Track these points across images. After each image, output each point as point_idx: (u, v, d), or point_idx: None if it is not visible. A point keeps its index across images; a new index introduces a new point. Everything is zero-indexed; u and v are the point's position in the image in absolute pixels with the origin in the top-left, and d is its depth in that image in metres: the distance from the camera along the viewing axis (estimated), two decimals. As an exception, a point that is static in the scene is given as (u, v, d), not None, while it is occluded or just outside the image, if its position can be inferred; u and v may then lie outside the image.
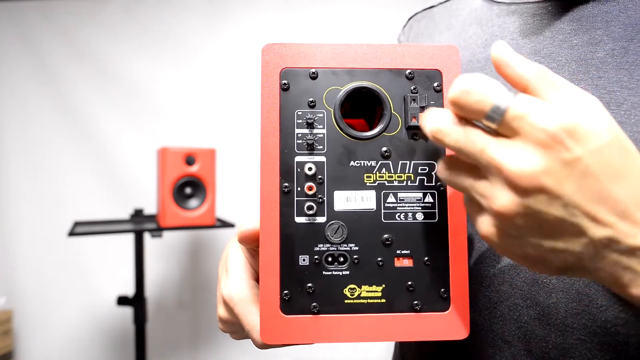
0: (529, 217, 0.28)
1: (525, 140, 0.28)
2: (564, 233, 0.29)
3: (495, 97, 0.29)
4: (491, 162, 0.29)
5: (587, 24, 0.45)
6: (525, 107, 0.28)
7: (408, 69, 0.40)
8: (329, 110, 0.40)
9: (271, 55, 0.40)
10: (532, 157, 0.28)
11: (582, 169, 0.28)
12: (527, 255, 0.30)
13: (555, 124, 0.27)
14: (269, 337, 0.38)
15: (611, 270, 0.29)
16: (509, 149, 0.28)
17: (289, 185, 0.39)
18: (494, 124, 0.29)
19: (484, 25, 0.54)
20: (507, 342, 0.44)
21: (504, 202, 0.29)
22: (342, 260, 0.39)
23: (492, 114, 0.29)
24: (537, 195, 0.28)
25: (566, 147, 0.27)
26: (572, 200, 0.28)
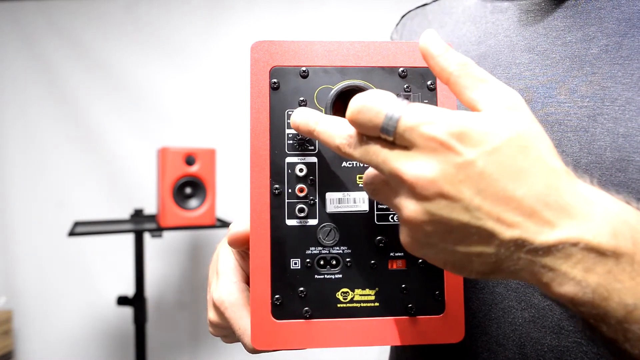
0: (436, 223, 0.28)
1: (419, 150, 0.28)
2: (473, 237, 0.28)
3: (387, 111, 0.29)
4: (392, 172, 0.29)
5: (581, 21, 0.45)
6: (415, 118, 0.28)
7: (401, 67, 0.39)
8: (320, 110, 0.39)
9: (260, 53, 0.39)
10: (426, 165, 0.28)
11: (478, 172, 0.27)
12: (446, 261, 0.30)
13: (443, 130, 0.28)
14: (260, 343, 0.38)
15: (531, 271, 0.29)
16: (406, 159, 0.29)
17: (280, 187, 0.38)
18: (390, 137, 0.29)
19: (477, 22, 0.54)
20: (502, 345, 0.44)
21: (410, 210, 0.29)
22: (335, 264, 0.38)
23: (385, 128, 0.29)
24: (437, 201, 0.28)
25: (456, 151, 0.27)
26: (472, 204, 0.27)
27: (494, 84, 0.30)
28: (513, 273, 0.29)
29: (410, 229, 0.30)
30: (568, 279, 0.28)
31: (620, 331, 0.29)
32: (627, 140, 0.38)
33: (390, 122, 0.29)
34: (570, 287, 0.28)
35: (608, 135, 0.39)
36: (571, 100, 0.42)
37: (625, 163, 0.38)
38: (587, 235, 0.28)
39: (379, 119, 0.29)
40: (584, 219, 0.28)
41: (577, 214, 0.28)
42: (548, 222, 0.28)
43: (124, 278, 2.23)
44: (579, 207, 0.28)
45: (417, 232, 0.30)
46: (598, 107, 0.40)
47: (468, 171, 0.27)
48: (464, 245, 0.29)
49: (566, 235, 0.28)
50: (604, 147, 0.39)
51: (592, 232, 0.28)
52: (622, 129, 0.38)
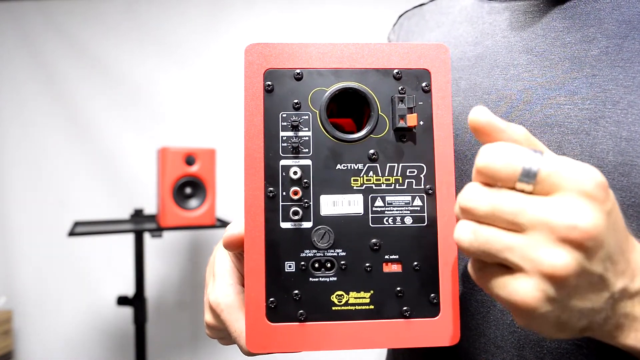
0: (580, 277, 0.27)
1: (570, 193, 0.27)
2: (596, 290, 0.28)
3: (524, 159, 0.29)
4: (536, 218, 0.27)
5: (580, 22, 0.44)
6: (559, 163, 0.28)
7: (396, 69, 0.39)
8: (315, 112, 0.39)
9: (254, 55, 0.39)
10: (583, 209, 0.27)
11: (614, 220, 0.28)
12: (558, 322, 0.29)
13: (592, 176, 0.28)
14: (255, 346, 0.38)
15: (616, 321, 0.30)
16: (554, 204, 0.27)
17: (274, 190, 0.38)
18: (528, 185, 0.28)
19: (474, 23, 0.53)
20: (500, 347, 0.43)
21: (559, 260, 0.27)
22: (329, 266, 0.38)
23: (524, 175, 0.28)
24: (589, 249, 0.27)
25: (606, 198, 0.27)
26: (609, 252, 0.28)
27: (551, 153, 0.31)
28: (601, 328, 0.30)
29: (552, 284, 0.27)
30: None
31: None
32: (630, 144, 0.38)
33: (531, 169, 0.28)
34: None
35: (610, 138, 0.39)
36: (571, 102, 0.42)
37: (629, 167, 0.38)
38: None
39: (517, 165, 0.28)
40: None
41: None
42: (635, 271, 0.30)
43: (124, 278, 2.23)
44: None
45: (558, 287, 0.27)
46: (600, 110, 0.40)
47: (610, 219, 0.28)
48: (583, 300, 0.28)
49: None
50: (606, 150, 0.39)
51: None
52: (625, 133, 0.38)
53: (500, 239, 0.29)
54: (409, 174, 0.39)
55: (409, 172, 0.39)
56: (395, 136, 0.39)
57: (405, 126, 0.38)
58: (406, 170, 0.39)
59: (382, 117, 0.39)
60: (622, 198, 0.38)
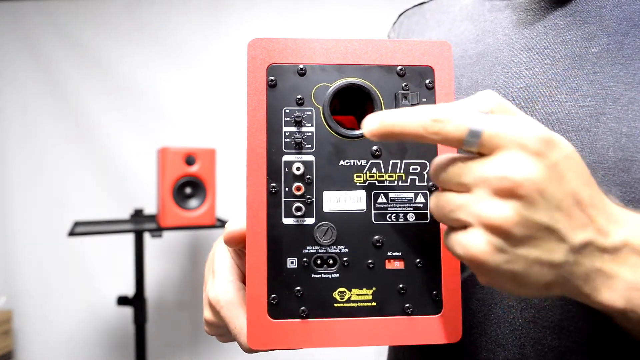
0: (523, 226, 0.28)
1: (511, 150, 0.29)
2: (549, 241, 0.29)
3: (469, 121, 0.30)
4: (478, 177, 0.29)
5: (581, 19, 0.44)
6: (502, 124, 0.29)
7: (399, 65, 0.39)
8: (318, 108, 0.39)
9: (257, 50, 0.39)
10: (521, 162, 0.28)
11: (560, 173, 0.29)
12: (515, 275, 0.30)
13: (538, 132, 0.29)
14: (256, 343, 0.37)
15: (586, 277, 0.30)
16: (496, 161, 0.29)
17: (277, 186, 0.38)
18: (474, 147, 0.30)
19: (475, 20, 0.53)
20: (501, 345, 0.43)
21: (499, 212, 0.28)
22: (332, 263, 0.38)
23: (470, 136, 0.29)
24: (528, 198, 0.28)
25: (549, 152, 0.29)
26: (554, 203, 0.29)
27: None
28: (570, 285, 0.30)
29: (493, 234, 0.29)
30: (620, 282, 0.30)
31: None
32: (630, 140, 0.38)
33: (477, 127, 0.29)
34: (622, 292, 0.30)
35: (611, 135, 0.39)
36: (572, 100, 0.42)
37: (629, 163, 0.38)
38: (632, 239, 0.30)
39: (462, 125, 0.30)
40: (626, 224, 0.31)
41: (620, 220, 0.31)
42: (602, 227, 0.30)
43: (124, 278, 2.23)
44: (619, 214, 0.31)
45: (499, 237, 0.29)
46: (600, 107, 0.40)
47: (554, 172, 0.29)
48: (538, 250, 0.29)
49: (618, 239, 0.30)
50: (606, 146, 0.39)
51: (635, 236, 0.30)
52: (625, 129, 0.38)
53: (451, 200, 0.31)
54: (412, 170, 0.39)
55: (412, 169, 0.39)
56: None
57: None
58: (409, 167, 0.39)
59: None
60: (622, 194, 0.38)
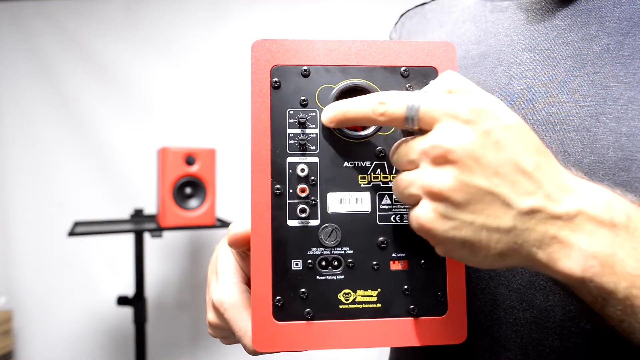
0: (463, 190, 0.30)
1: (444, 122, 0.31)
2: (492, 205, 0.30)
3: (407, 99, 0.32)
4: (418, 151, 0.31)
5: (582, 20, 0.44)
6: (436, 100, 0.31)
7: (403, 66, 0.39)
8: (322, 109, 0.39)
9: (261, 52, 0.39)
10: (453, 131, 0.30)
11: (496, 140, 0.30)
12: (464, 241, 0.31)
13: (468, 103, 0.31)
14: (261, 345, 0.37)
15: (539, 243, 0.30)
16: (431, 134, 0.31)
17: (281, 187, 0.38)
18: (414, 125, 0.32)
19: (477, 21, 0.53)
20: (503, 345, 0.43)
21: (437, 179, 0.30)
22: (337, 265, 0.38)
23: (408, 117, 0.32)
24: (463, 164, 0.30)
25: (481, 120, 0.30)
26: (491, 167, 0.30)
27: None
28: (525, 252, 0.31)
29: (436, 201, 0.30)
30: (576, 250, 0.30)
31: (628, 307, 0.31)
32: (630, 140, 0.38)
33: (414, 107, 0.32)
34: (579, 261, 0.30)
35: (611, 134, 0.39)
36: (573, 100, 0.42)
37: (629, 162, 0.38)
38: (586, 207, 0.31)
39: (402, 106, 0.32)
40: (580, 194, 0.31)
41: (574, 189, 0.31)
42: (552, 194, 0.30)
43: (124, 278, 2.22)
44: (573, 184, 0.32)
45: (442, 203, 0.30)
46: (600, 107, 0.40)
47: (489, 138, 0.30)
48: (483, 216, 0.30)
49: (571, 207, 0.30)
50: (606, 146, 0.39)
51: (590, 205, 0.31)
52: (625, 129, 0.38)
53: (403, 178, 0.33)
54: None
55: None
56: (403, 134, 0.39)
57: None
58: None
59: None
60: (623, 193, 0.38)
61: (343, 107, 0.35)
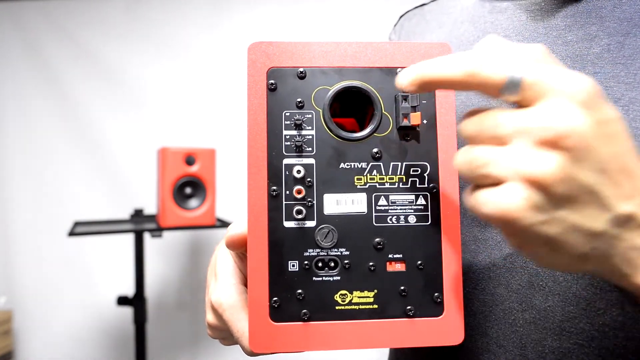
0: (566, 183, 0.26)
1: (557, 99, 0.26)
2: (591, 205, 0.27)
3: (508, 67, 0.27)
4: (519, 127, 0.27)
5: (582, 20, 0.44)
6: (547, 70, 0.27)
7: (399, 68, 0.39)
8: (318, 111, 0.39)
9: (257, 54, 0.39)
10: (570, 113, 0.26)
11: (610, 132, 0.27)
12: (548, 238, 0.28)
13: (582, 82, 0.26)
14: (258, 346, 0.37)
15: (624, 254, 0.28)
16: (539, 111, 0.27)
17: (277, 189, 0.38)
18: (514, 95, 0.28)
19: (476, 22, 0.53)
20: (502, 346, 0.43)
21: (545, 165, 0.26)
22: (333, 266, 0.38)
23: (509, 84, 0.27)
24: (575, 153, 0.26)
25: (600, 106, 0.26)
26: (601, 163, 0.26)
27: None
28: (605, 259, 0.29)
29: (538, 190, 0.26)
30: None
31: None
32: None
33: (516, 74, 0.27)
34: None
35: None
36: None
37: None
38: None
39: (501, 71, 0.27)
40: None
41: None
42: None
43: (124, 278, 2.23)
44: None
45: (540, 193, 0.26)
46: None
47: (604, 129, 0.26)
48: (578, 215, 0.27)
49: None
50: None
51: None
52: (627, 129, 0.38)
53: (484, 154, 0.28)
54: (413, 172, 0.39)
55: (413, 171, 0.39)
56: (399, 135, 0.39)
57: (409, 125, 0.38)
58: (410, 169, 0.39)
59: (385, 115, 0.39)
60: None
61: (427, 68, 0.30)
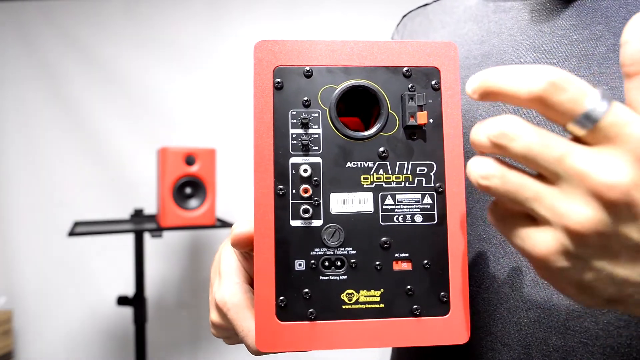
0: (606, 236, 0.25)
1: (622, 150, 0.25)
2: (631, 259, 0.26)
3: (590, 100, 0.25)
4: (573, 169, 0.25)
5: (587, 19, 0.44)
6: (625, 115, 0.25)
7: (405, 67, 0.39)
8: (325, 110, 0.38)
9: (264, 52, 0.39)
10: (628, 168, 0.24)
11: None
12: (580, 283, 0.27)
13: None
14: (264, 345, 0.37)
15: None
16: (599, 157, 0.25)
17: (284, 188, 0.38)
18: (583, 130, 0.26)
19: (479, 21, 0.53)
20: (507, 345, 0.43)
21: (584, 216, 0.25)
22: (339, 265, 0.38)
23: (583, 118, 0.25)
24: (623, 211, 0.25)
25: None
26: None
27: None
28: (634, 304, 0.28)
29: (571, 238, 0.26)
30: None
31: None
32: None
33: (594, 112, 0.25)
34: None
35: None
36: None
37: None
38: None
39: (581, 104, 0.25)
40: None
41: None
42: None
43: (124, 278, 2.23)
44: None
45: (577, 243, 0.26)
46: None
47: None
48: (615, 266, 0.26)
49: None
50: None
51: None
52: None
53: (530, 187, 0.27)
54: (419, 171, 0.39)
55: (419, 170, 0.39)
56: (405, 134, 0.39)
57: (415, 124, 0.38)
58: (416, 168, 0.39)
59: (392, 115, 0.39)
60: None
61: (494, 78, 0.27)
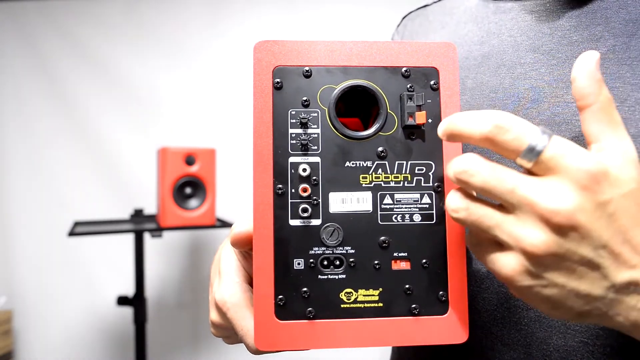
0: (560, 256, 0.29)
1: (562, 179, 0.29)
2: (589, 274, 0.29)
3: (531, 136, 0.29)
4: (523, 199, 0.29)
5: (587, 21, 0.44)
6: (563, 148, 0.29)
7: (404, 67, 0.39)
8: (324, 110, 0.39)
9: (263, 52, 0.39)
10: (568, 195, 0.28)
11: (611, 211, 0.29)
12: (547, 298, 0.30)
13: (592, 166, 0.28)
14: (263, 344, 0.37)
15: (627, 315, 0.30)
16: (543, 187, 0.29)
17: (283, 187, 0.38)
18: (529, 163, 0.30)
19: (479, 22, 0.53)
20: (507, 344, 0.43)
21: (537, 240, 0.29)
22: (338, 264, 0.38)
23: (527, 152, 0.29)
24: (570, 233, 0.28)
25: (600, 189, 0.28)
26: (601, 240, 0.29)
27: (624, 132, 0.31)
28: (608, 317, 0.31)
29: (529, 259, 0.29)
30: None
31: None
32: (637, 141, 0.38)
33: (536, 148, 0.29)
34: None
35: None
36: None
37: None
38: None
39: (524, 141, 0.29)
40: None
41: None
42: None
43: (124, 278, 2.23)
44: None
45: (534, 263, 0.29)
46: None
47: (604, 209, 0.28)
48: (575, 281, 0.29)
49: None
50: None
51: None
52: (633, 130, 0.38)
53: (491, 217, 0.31)
54: (418, 171, 0.39)
55: (418, 170, 0.39)
56: (404, 134, 0.39)
57: (414, 124, 0.38)
58: (415, 167, 0.39)
59: (390, 114, 0.39)
60: None
61: (456, 123, 0.32)
